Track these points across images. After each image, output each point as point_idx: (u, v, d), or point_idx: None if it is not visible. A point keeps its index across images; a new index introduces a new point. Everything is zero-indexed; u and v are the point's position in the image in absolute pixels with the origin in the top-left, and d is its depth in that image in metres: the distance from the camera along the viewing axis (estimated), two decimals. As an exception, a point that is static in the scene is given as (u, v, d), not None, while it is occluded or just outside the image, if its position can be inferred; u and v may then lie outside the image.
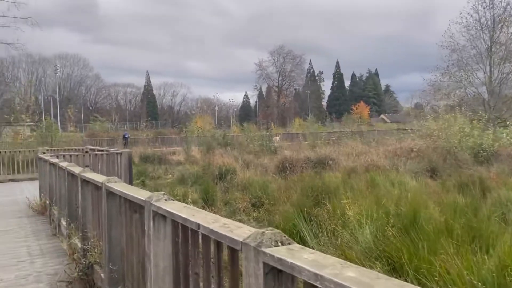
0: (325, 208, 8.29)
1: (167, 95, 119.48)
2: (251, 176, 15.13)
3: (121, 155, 12.62)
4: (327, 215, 8.19)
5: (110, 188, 4.11)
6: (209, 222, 2.29)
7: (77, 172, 5.64)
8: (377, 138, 26.62)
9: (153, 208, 2.98)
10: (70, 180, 6.68)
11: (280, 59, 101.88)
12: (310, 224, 7.76)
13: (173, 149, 37.08)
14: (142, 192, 3.59)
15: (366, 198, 9.42)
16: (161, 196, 3.04)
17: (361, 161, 16.49)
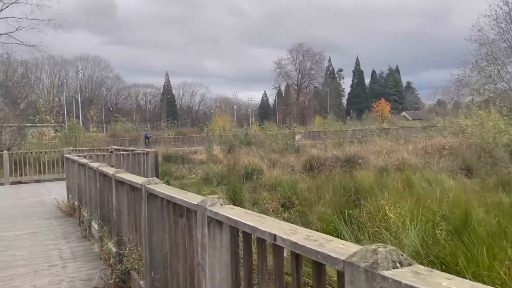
0: (364, 209, 7.84)
1: (186, 95, 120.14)
2: (278, 176, 14.75)
3: (147, 155, 12.41)
4: (366, 216, 7.74)
5: (152, 190, 3.80)
6: (287, 232, 1.93)
7: (111, 173, 5.36)
8: (404, 136, 25.87)
9: (208, 214, 2.64)
10: (102, 181, 6.43)
11: (299, 57, 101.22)
12: (350, 227, 7.33)
13: (195, 148, 37.00)
14: (190, 195, 3.26)
15: (406, 199, 8.94)
16: (216, 200, 2.71)
17: (391, 159, 15.93)
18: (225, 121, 62.54)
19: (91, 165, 7.19)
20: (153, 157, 12.32)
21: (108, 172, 5.66)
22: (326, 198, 11.25)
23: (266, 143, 30.62)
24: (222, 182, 16.42)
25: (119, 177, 5.05)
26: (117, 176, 5.13)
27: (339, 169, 15.91)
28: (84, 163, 8.13)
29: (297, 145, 23.94)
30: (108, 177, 5.82)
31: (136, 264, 4.57)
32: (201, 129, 66.77)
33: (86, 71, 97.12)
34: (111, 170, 5.65)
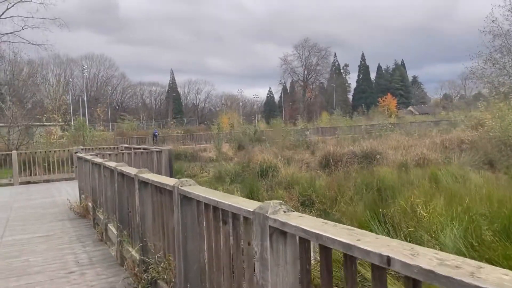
0: (394, 208, 7.35)
1: (191, 93, 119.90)
2: (294, 173, 14.29)
3: (160, 153, 11.98)
4: (399, 215, 7.25)
5: (187, 192, 3.35)
6: (405, 254, 1.47)
7: (133, 173, 4.92)
8: (418, 130, 25.30)
9: (270, 223, 2.18)
10: (120, 182, 6.00)
11: (305, 53, 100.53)
12: (385, 228, 6.86)
13: (203, 146, 36.62)
14: (238, 199, 2.81)
15: (437, 196, 8.44)
16: (278, 206, 2.25)
17: (410, 154, 15.41)
18: (232, 119, 62.05)
19: (107, 164, 6.75)
20: (167, 155, 11.89)
21: (129, 173, 5.22)
22: (348, 196, 10.77)
23: (277, 139, 30.17)
24: (236, 180, 15.99)
25: (143, 177, 4.61)
26: (140, 177, 4.69)
27: (356, 165, 15.42)
28: (99, 162, 7.70)
29: (309, 142, 23.43)
30: (129, 178, 5.39)
31: (165, 274, 4.13)
32: (208, 127, 66.47)
33: (92, 70, 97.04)
34: (133, 170, 5.21)
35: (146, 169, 4.93)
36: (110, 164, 6.65)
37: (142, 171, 4.83)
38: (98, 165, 7.82)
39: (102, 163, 7.22)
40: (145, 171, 4.83)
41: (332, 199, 11.18)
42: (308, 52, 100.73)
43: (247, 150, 21.29)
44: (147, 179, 4.49)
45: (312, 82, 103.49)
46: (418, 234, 6.56)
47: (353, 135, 23.90)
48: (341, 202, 10.66)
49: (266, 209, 2.23)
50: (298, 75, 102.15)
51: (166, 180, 3.97)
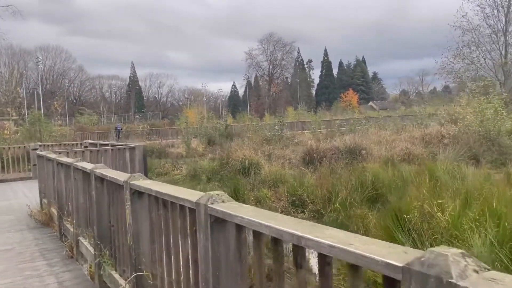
0: (416, 212, 6.50)
1: (153, 87, 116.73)
2: (279, 170, 13.33)
3: (133, 150, 10.68)
4: (415, 219, 6.42)
5: (221, 212, 2.26)
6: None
7: (123, 180, 3.77)
8: (391, 125, 25.00)
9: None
10: (99, 188, 4.80)
11: (270, 47, 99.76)
12: (409, 236, 6.00)
13: (170, 141, 35.09)
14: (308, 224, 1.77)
15: (447, 195, 7.71)
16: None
17: (395, 150, 14.82)
18: (197, 113, 60.44)
19: (80, 166, 5.51)
20: (141, 152, 10.61)
21: (115, 178, 4.05)
22: (343, 195, 9.92)
23: (249, 134, 29.20)
24: (214, 178, 14.85)
25: (139, 186, 3.48)
26: (134, 185, 3.55)
27: (340, 162, 14.66)
28: (67, 162, 6.42)
29: (286, 136, 22.58)
30: (113, 185, 4.22)
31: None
32: (172, 121, 64.47)
33: (47, 62, 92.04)
34: (121, 175, 4.05)
35: (140, 174, 3.79)
36: (84, 165, 5.42)
37: (136, 177, 3.68)
38: (67, 166, 6.54)
39: (73, 164, 5.95)
40: (140, 178, 3.69)
41: (324, 199, 10.30)
42: (273, 46, 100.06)
43: (222, 146, 20.12)
44: (145, 188, 3.36)
45: (277, 77, 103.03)
46: (445, 243, 5.75)
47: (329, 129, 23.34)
48: (335, 203, 9.79)
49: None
50: (263, 69, 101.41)
51: (180, 193, 2.86)
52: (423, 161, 14.46)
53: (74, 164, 5.93)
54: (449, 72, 29.30)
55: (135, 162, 10.56)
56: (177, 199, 2.78)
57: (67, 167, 6.50)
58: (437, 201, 6.69)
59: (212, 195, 2.43)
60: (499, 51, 28.23)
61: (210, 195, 2.44)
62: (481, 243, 5.45)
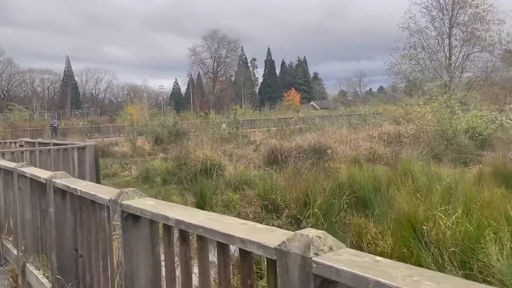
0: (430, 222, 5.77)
1: (90, 82, 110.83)
2: (244, 171, 12.34)
3: (83, 151, 9.21)
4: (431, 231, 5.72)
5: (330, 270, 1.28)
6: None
7: (108, 198, 2.63)
8: (346, 124, 24.88)
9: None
10: (59, 204, 3.58)
11: (215, 44, 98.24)
12: (428, 249, 5.26)
13: (112, 139, 32.89)
14: None
15: (439, 199, 7.18)
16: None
17: (360, 149, 14.38)
18: (140, 110, 57.79)
19: (28, 172, 4.21)
20: (92, 153, 9.17)
21: (92, 194, 2.88)
22: (321, 199, 9.17)
23: (197, 133, 27.93)
24: (170, 180, 13.57)
25: (136, 208, 2.37)
26: (129, 207, 2.43)
27: (306, 161, 13.99)
28: (8, 167, 5.04)
29: (242, 135, 21.62)
30: (85, 201, 3.05)
31: None
32: (112, 118, 61.17)
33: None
34: (104, 192, 2.89)
35: (133, 190, 2.66)
36: (35, 172, 4.13)
37: (128, 194, 2.55)
38: (6, 172, 5.15)
39: (17, 170, 4.61)
40: (134, 194, 2.57)
41: (299, 203, 9.49)
42: (218, 43, 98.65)
43: (175, 145, 18.73)
44: (150, 213, 2.25)
45: (222, 75, 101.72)
46: (463, 257, 5.10)
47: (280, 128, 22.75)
48: (313, 207, 9.01)
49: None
50: (208, 66, 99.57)
51: (227, 228, 1.81)
52: (388, 161, 14.18)
53: (18, 170, 4.59)
54: (396, 73, 29.93)
55: (85, 165, 9.11)
56: (216, 235, 1.72)
57: (7, 173, 5.12)
58: (440, 208, 6.06)
59: (314, 240, 1.44)
60: (444, 53, 29.20)
61: (311, 240, 1.45)
62: (501, 258, 4.85)
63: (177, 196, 11.48)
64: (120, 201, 2.49)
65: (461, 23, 28.30)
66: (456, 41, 28.59)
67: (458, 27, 28.47)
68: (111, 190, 2.84)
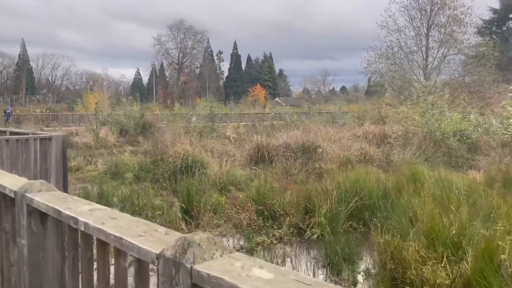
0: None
1: (46, 68, 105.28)
2: (230, 170, 11.07)
3: (48, 143, 7.63)
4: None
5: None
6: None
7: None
8: (320, 121, 24.05)
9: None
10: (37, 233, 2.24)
11: (181, 35, 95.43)
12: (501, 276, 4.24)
13: (72, 128, 30.58)
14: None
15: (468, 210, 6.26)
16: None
17: (351, 149, 13.44)
18: (101, 98, 54.83)
19: None
20: (59, 146, 7.60)
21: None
22: (328, 206, 8.09)
23: (162, 125, 26.33)
24: (144, 177, 12.07)
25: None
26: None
27: (294, 161, 12.92)
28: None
29: (219, 129, 20.22)
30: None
31: None
32: (70, 106, 57.96)
33: None
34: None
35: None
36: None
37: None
38: None
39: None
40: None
41: (301, 210, 8.38)
42: (184, 34, 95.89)
43: (152, 137, 17.09)
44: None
45: (187, 66, 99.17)
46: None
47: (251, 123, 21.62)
48: (318, 215, 7.91)
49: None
50: (173, 57, 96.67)
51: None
52: (380, 163, 13.35)
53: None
54: (373, 72, 29.49)
55: (50, 160, 7.55)
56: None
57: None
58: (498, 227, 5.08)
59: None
60: (421, 53, 29.02)
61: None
62: None
63: (155, 196, 10.08)
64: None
65: (439, 24, 28.20)
66: (434, 42, 28.50)
67: (436, 28, 28.37)
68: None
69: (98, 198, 9.32)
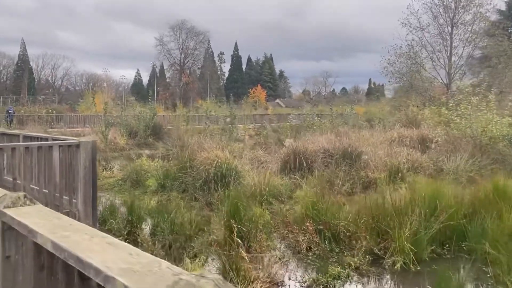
0: None
1: (46, 68, 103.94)
2: (271, 180, 9.71)
3: (75, 150, 6.27)
4: None
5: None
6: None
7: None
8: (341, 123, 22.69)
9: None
10: None
11: (183, 35, 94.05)
12: None
13: (78, 130, 29.24)
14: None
15: None
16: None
17: (398, 156, 12.09)
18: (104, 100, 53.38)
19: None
20: (89, 154, 6.24)
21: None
22: (409, 228, 6.75)
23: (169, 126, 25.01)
24: (171, 187, 10.70)
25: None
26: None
27: (335, 168, 11.58)
28: None
29: (238, 133, 18.85)
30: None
31: None
32: (72, 107, 56.58)
33: None
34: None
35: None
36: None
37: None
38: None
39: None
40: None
41: (371, 231, 7.05)
42: (186, 34, 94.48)
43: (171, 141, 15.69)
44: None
45: (189, 67, 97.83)
46: None
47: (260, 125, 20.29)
48: (399, 239, 6.57)
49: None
50: (175, 58, 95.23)
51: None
52: (430, 172, 12.02)
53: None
54: (394, 72, 28.16)
55: (77, 172, 6.20)
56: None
57: None
58: None
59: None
60: (446, 53, 27.72)
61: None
62: None
63: (187, 209, 8.73)
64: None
65: (464, 22, 26.95)
66: (459, 41, 27.23)
67: (461, 27, 27.11)
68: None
69: (128, 212, 7.96)
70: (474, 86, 25.20)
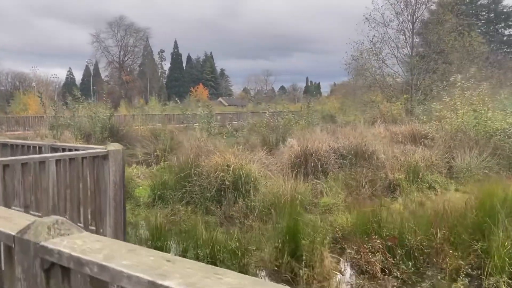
0: None
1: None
2: (297, 187, 8.40)
3: (104, 161, 4.59)
4: None
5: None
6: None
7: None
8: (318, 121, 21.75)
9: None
10: None
11: (121, 32, 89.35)
12: None
13: (17, 133, 25.95)
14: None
15: None
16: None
17: (415, 154, 11.24)
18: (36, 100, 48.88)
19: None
20: (120, 165, 4.59)
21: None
22: (501, 238, 5.81)
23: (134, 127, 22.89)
24: (171, 198, 9.02)
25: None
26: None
27: (349, 169, 10.56)
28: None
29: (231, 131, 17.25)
30: None
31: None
32: (1, 108, 51.70)
33: None
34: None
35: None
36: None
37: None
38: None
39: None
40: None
41: (451, 245, 6.03)
42: (124, 31, 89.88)
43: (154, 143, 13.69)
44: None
45: (129, 65, 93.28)
46: None
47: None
48: (494, 257, 5.59)
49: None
50: (113, 55, 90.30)
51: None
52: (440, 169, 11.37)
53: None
54: (357, 68, 27.88)
55: (106, 192, 4.53)
56: None
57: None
58: None
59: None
60: (408, 49, 27.89)
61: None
62: None
63: (208, 229, 7.19)
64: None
65: (423, 20, 27.30)
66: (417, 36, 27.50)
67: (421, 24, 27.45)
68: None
69: (151, 236, 6.30)
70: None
